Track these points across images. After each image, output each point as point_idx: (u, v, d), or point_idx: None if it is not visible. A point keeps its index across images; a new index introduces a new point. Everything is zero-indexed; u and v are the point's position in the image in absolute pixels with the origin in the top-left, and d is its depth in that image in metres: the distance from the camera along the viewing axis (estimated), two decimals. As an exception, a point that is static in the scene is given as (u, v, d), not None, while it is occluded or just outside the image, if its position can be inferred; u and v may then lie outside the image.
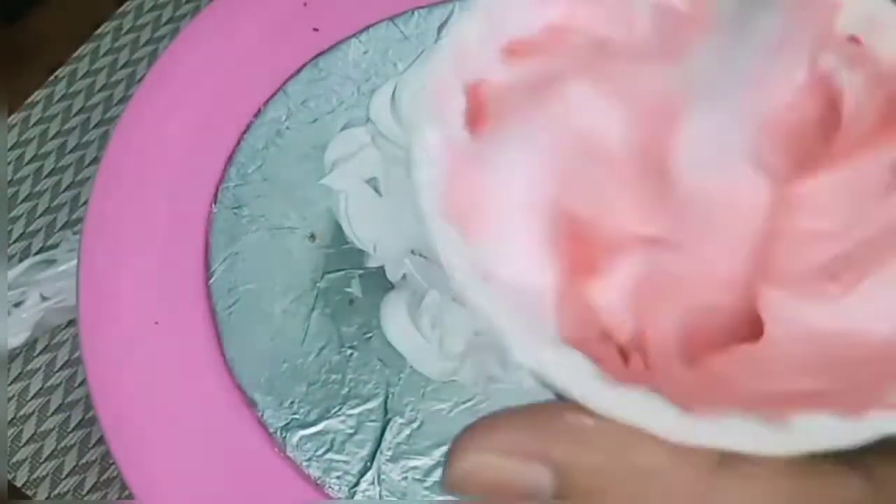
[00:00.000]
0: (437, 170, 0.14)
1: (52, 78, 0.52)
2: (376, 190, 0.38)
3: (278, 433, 0.36)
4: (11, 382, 0.45)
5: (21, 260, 0.46)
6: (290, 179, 0.40)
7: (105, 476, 0.44)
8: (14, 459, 0.44)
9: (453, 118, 0.15)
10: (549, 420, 0.15)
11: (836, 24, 0.16)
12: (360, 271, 0.39)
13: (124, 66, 0.53)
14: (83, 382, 0.45)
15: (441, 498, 0.35)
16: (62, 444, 0.44)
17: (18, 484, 0.43)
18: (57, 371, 0.46)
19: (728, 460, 0.14)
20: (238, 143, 0.41)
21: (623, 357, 0.15)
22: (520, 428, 0.15)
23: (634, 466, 0.14)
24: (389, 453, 0.36)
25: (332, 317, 0.38)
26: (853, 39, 0.16)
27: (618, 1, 0.16)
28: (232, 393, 0.37)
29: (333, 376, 0.37)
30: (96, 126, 0.51)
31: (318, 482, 0.35)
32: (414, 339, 0.35)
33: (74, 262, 0.39)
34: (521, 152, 0.15)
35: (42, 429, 0.44)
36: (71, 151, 0.50)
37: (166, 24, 0.54)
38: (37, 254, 0.47)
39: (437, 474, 0.36)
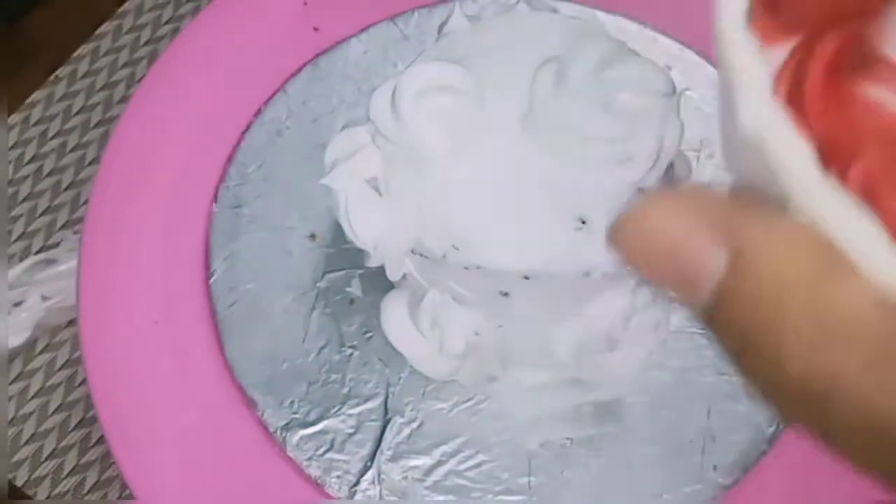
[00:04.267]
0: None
1: (52, 78, 0.52)
2: (376, 190, 0.38)
3: (278, 433, 0.36)
4: (11, 382, 0.45)
5: (21, 260, 0.46)
6: (290, 179, 0.40)
7: (105, 476, 0.44)
8: (14, 459, 0.44)
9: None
10: (747, 205, 0.13)
11: None
12: (360, 271, 0.38)
13: (124, 66, 0.53)
14: (83, 382, 0.45)
15: (441, 498, 0.35)
16: (62, 444, 0.44)
17: (18, 484, 0.43)
18: (57, 371, 0.46)
19: None
20: (238, 142, 0.41)
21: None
22: (710, 203, 0.13)
23: (829, 301, 0.12)
24: (389, 453, 0.36)
25: (333, 316, 0.38)
26: None
27: None
28: (232, 393, 0.37)
29: (333, 376, 0.37)
30: (96, 126, 0.51)
31: (318, 482, 0.35)
32: (414, 339, 0.35)
33: (74, 262, 0.39)
34: None
35: (42, 429, 0.44)
36: (71, 151, 0.50)
37: (166, 24, 0.54)
38: (37, 254, 0.47)
39: (437, 474, 0.36)
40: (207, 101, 0.42)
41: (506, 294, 0.32)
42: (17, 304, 0.44)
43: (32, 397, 0.45)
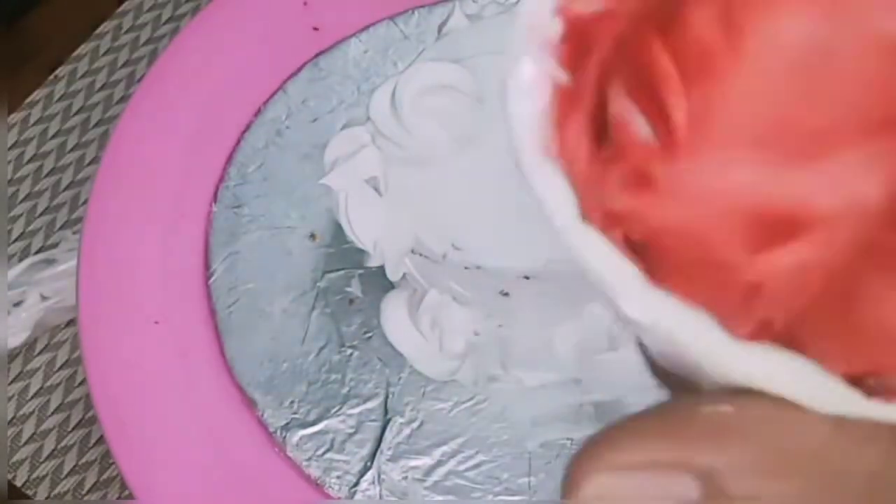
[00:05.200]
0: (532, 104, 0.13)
1: (51, 77, 0.52)
2: (376, 190, 0.38)
3: (278, 433, 0.36)
4: (11, 382, 0.45)
5: (21, 260, 0.46)
6: (290, 179, 0.40)
7: (105, 476, 0.44)
8: (14, 459, 0.44)
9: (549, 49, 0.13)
10: (682, 418, 0.12)
11: None
12: (360, 271, 0.38)
13: (124, 65, 0.53)
14: (83, 382, 0.45)
15: (441, 498, 0.35)
16: (62, 444, 0.44)
17: (18, 484, 0.43)
18: (57, 371, 0.46)
19: None
20: (238, 142, 0.41)
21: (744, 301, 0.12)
22: (651, 435, 0.12)
23: (794, 453, 0.11)
24: (389, 453, 0.36)
25: (332, 316, 0.38)
26: None
27: None
28: (232, 393, 0.37)
29: (333, 376, 0.37)
30: (96, 126, 0.51)
31: (318, 482, 0.35)
32: (414, 338, 0.35)
33: (74, 261, 0.39)
34: None
35: (42, 428, 0.44)
36: (71, 151, 0.50)
37: (166, 23, 0.54)
38: (37, 253, 0.47)
39: (437, 474, 0.36)
40: (207, 101, 0.42)
41: (506, 294, 0.32)
42: (16, 304, 0.44)
43: (32, 397, 0.45)
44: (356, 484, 0.35)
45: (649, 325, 0.12)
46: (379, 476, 0.35)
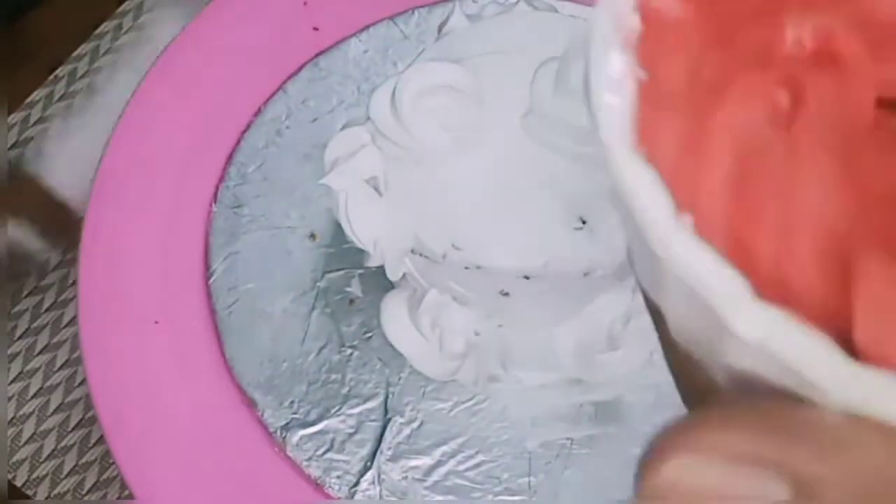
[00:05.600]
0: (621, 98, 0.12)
1: (51, 77, 0.52)
2: (376, 189, 0.38)
3: (278, 433, 0.36)
4: (11, 382, 0.45)
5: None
6: (289, 179, 0.40)
7: (105, 476, 0.44)
8: (14, 459, 0.44)
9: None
10: (783, 418, 0.11)
11: None
12: (360, 271, 0.38)
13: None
14: (83, 382, 0.45)
15: (441, 498, 0.35)
16: (62, 444, 0.44)
17: (18, 484, 0.43)
18: (57, 371, 0.46)
19: None
20: (238, 142, 0.41)
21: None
22: (744, 427, 0.11)
23: None
24: (389, 453, 0.36)
25: (332, 316, 0.38)
26: None
27: None
28: (232, 393, 0.37)
29: (333, 376, 0.37)
30: (96, 126, 0.51)
31: (318, 482, 0.35)
32: (414, 339, 0.35)
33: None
34: None
35: (42, 428, 0.44)
36: (71, 150, 0.50)
37: (166, 23, 0.54)
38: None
39: (437, 474, 0.36)
40: (207, 101, 0.42)
41: (506, 294, 0.32)
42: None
43: (32, 397, 0.45)
44: (356, 484, 0.35)
45: (757, 343, 0.11)
46: (379, 476, 0.35)
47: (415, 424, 0.36)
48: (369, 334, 0.38)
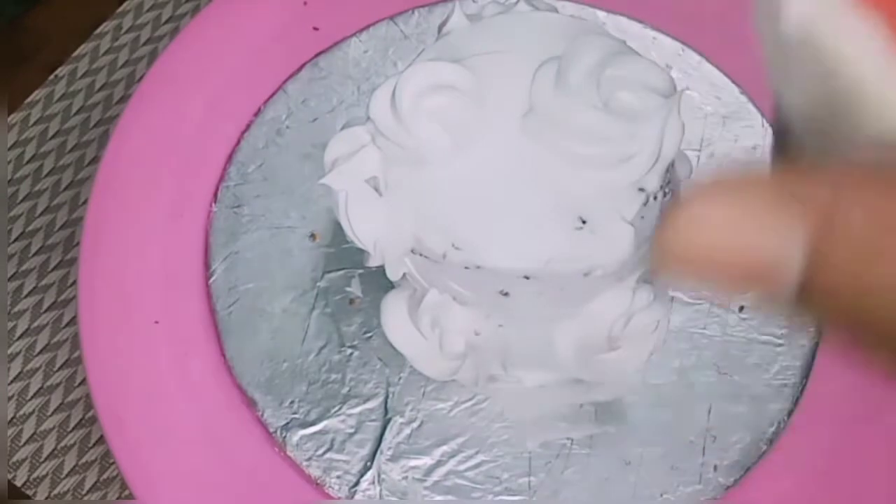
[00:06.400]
0: None
1: (51, 77, 0.52)
2: (376, 189, 0.38)
3: (278, 433, 0.36)
4: (11, 382, 0.45)
5: (21, 259, 0.46)
6: (290, 178, 0.40)
7: (105, 476, 0.44)
8: (14, 459, 0.44)
9: None
10: (801, 172, 0.10)
11: None
12: (360, 271, 0.38)
13: (124, 65, 0.53)
14: (83, 382, 0.45)
15: (441, 498, 0.35)
16: (62, 444, 0.44)
17: (18, 484, 0.43)
18: (57, 371, 0.46)
19: None
20: (238, 142, 0.41)
21: None
22: (762, 183, 0.10)
23: None
24: (389, 453, 0.36)
25: (332, 316, 0.38)
26: None
27: None
28: (232, 393, 0.37)
29: (333, 376, 0.37)
30: (96, 125, 0.51)
31: (318, 482, 0.35)
32: (414, 338, 0.34)
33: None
34: None
35: (42, 428, 0.44)
36: (71, 151, 0.50)
37: (166, 23, 0.54)
38: (36, 255, 0.47)
39: (437, 474, 0.36)
40: (207, 100, 0.42)
41: (506, 294, 0.32)
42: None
43: (32, 397, 0.45)
44: (356, 484, 0.35)
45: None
46: (379, 476, 0.35)
47: (415, 424, 0.36)
48: (369, 334, 0.38)
